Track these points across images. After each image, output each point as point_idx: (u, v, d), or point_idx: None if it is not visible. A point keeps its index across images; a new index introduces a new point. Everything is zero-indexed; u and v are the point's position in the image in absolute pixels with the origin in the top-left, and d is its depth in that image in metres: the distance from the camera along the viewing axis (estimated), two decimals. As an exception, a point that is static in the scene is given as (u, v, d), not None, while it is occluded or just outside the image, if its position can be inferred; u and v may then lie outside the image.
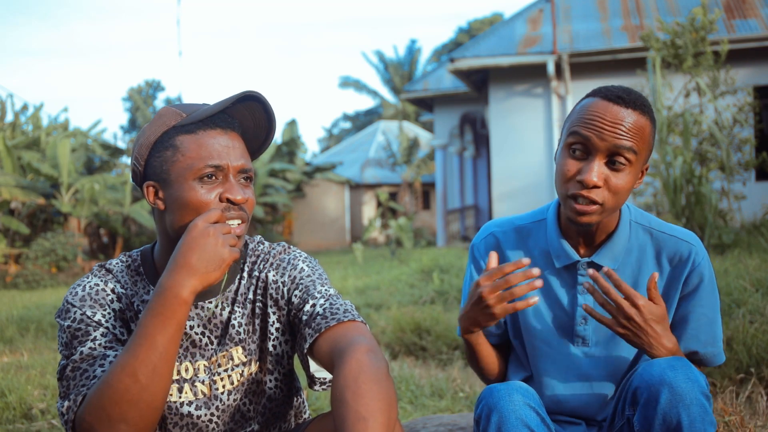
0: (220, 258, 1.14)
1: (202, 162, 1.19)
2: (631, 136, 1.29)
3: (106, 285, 1.25)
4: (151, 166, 1.22)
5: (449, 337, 4.20)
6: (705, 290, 1.40)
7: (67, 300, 1.23)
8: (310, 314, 1.23)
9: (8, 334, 5.58)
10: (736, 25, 9.62)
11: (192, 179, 1.19)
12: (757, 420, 2.28)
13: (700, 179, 6.24)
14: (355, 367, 1.05)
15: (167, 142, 1.21)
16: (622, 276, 1.42)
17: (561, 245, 1.43)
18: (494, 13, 31.62)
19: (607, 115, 1.30)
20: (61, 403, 1.13)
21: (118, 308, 1.24)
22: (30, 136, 15.90)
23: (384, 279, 7.43)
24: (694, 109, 7.45)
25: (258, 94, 1.22)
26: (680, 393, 1.18)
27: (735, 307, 3.42)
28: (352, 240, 20.84)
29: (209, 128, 1.22)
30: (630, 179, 1.32)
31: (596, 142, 1.30)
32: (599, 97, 1.32)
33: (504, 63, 10.20)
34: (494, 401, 1.25)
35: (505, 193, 10.65)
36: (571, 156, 1.33)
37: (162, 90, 36.86)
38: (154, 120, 1.25)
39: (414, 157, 20.60)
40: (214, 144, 1.21)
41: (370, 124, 31.04)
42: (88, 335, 1.18)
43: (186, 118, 1.22)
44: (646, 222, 1.44)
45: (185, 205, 1.19)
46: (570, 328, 1.45)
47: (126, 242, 15.26)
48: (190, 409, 1.27)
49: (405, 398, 3.14)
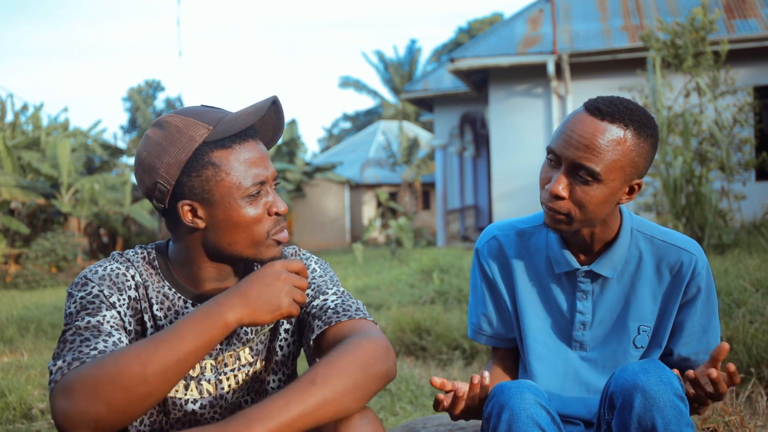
0: (277, 303, 1.11)
1: (248, 180, 1.17)
2: (593, 152, 1.25)
3: (127, 270, 1.23)
4: (185, 186, 1.17)
5: (449, 337, 4.20)
6: (702, 299, 1.40)
7: (86, 276, 1.20)
8: (321, 307, 1.24)
9: (8, 334, 5.59)
10: (736, 25, 9.62)
11: (240, 198, 1.17)
12: (757, 420, 2.28)
13: (700, 179, 6.24)
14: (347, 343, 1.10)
15: (202, 159, 1.16)
16: (621, 285, 1.43)
17: (561, 252, 1.44)
18: (494, 13, 31.63)
19: (576, 127, 1.27)
20: (53, 363, 1.09)
21: (134, 296, 1.23)
22: (30, 136, 15.91)
23: (384, 279, 7.43)
24: (694, 109, 7.45)
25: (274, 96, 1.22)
26: (653, 396, 1.18)
27: (735, 307, 3.42)
28: (352, 240, 20.84)
29: (242, 140, 1.19)
30: (600, 195, 1.28)
31: (561, 154, 1.29)
32: (582, 107, 1.31)
33: (504, 63, 10.20)
34: (505, 399, 1.25)
35: (505, 193, 10.65)
36: (548, 164, 1.34)
37: (162, 90, 36.86)
38: (172, 134, 1.18)
39: (414, 157, 20.60)
40: (253, 158, 1.19)
41: (370, 124, 31.05)
42: (99, 311, 1.15)
43: (216, 132, 1.17)
44: (647, 230, 1.44)
45: (237, 225, 1.18)
46: (568, 333, 1.47)
47: (126, 242, 15.27)
48: (195, 407, 1.27)
49: (405, 398, 3.14)
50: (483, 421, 1.33)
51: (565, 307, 1.46)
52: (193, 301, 1.26)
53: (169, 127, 1.18)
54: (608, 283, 1.43)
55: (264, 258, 1.23)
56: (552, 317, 1.48)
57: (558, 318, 1.47)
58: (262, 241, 1.21)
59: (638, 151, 1.27)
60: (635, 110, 1.28)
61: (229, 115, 1.21)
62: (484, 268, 1.53)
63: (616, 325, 1.44)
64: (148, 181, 1.19)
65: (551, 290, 1.47)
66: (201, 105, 1.25)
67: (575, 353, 1.46)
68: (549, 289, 1.47)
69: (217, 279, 1.26)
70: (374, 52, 29.65)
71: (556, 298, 1.47)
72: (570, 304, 1.46)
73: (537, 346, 1.48)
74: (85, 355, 1.08)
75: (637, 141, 1.27)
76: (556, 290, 1.47)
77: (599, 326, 1.45)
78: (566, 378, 1.47)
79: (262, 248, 1.22)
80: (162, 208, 1.20)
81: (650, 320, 1.43)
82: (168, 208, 1.20)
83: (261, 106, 1.19)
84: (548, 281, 1.47)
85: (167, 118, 1.20)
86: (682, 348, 1.43)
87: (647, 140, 1.28)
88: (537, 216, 1.53)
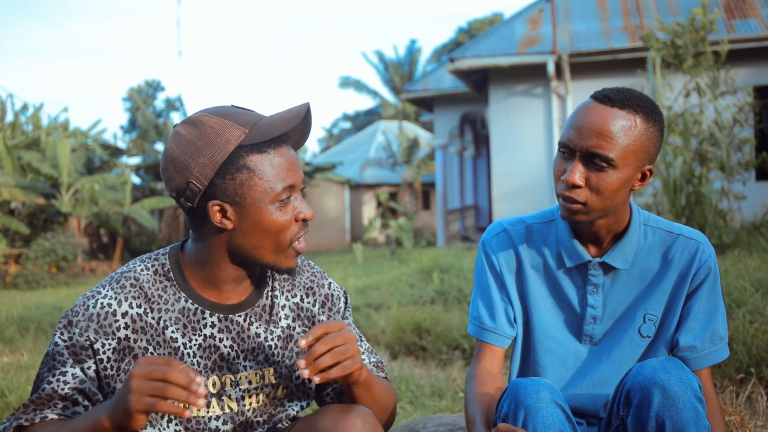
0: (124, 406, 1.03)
1: (280, 185, 1.18)
2: (606, 139, 1.28)
3: (120, 305, 1.21)
4: (218, 187, 1.17)
5: (449, 337, 4.20)
6: (707, 287, 1.42)
7: (77, 312, 1.21)
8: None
9: (8, 334, 5.58)
10: (736, 25, 9.62)
11: (270, 203, 1.18)
12: (757, 420, 2.28)
13: (700, 179, 6.24)
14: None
15: (238, 162, 1.16)
16: (631, 277, 1.44)
17: (572, 245, 1.44)
18: (494, 13, 31.62)
19: (587, 116, 1.31)
20: (21, 407, 1.18)
21: (124, 336, 1.21)
22: (30, 136, 15.91)
23: (384, 279, 7.43)
24: (694, 109, 7.44)
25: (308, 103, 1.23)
26: (673, 396, 1.18)
27: (735, 307, 3.42)
28: (352, 240, 20.84)
29: (276, 146, 1.19)
30: (616, 180, 1.31)
31: (575, 143, 1.32)
32: (591, 98, 1.34)
33: (504, 63, 10.20)
34: (522, 397, 1.24)
35: (505, 193, 10.65)
36: (560, 156, 1.36)
37: (162, 90, 36.82)
38: (208, 135, 1.17)
39: (414, 157, 20.60)
40: (285, 163, 1.20)
41: (370, 124, 31.04)
42: (64, 365, 1.18)
43: (252, 136, 1.17)
44: (654, 223, 1.46)
45: (265, 229, 1.19)
46: (579, 328, 1.47)
47: (126, 242, 15.27)
48: (218, 424, 1.26)
49: (405, 398, 3.14)
50: (496, 419, 1.32)
51: (576, 300, 1.47)
52: (210, 311, 1.25)
53: (203, 127, 1.18)
54: (619, 275, 1.44)
55: (282, 267, 1.24)
56: (562, 312, 1.48)
57: (569, 313, 1.48)
58: (285, 248, 1.22)
59: (648, 135, 1.31)
60: (641, 97, 1.32)
61: (264, 119, 1.21)
62: (492, 261, 1.53)
63: (624, 316, 1.45)
64: (179, 180, 1.17)
65: (561, 285, 1.48)
66: (232, 105, 1.24)
67: (584, 347, 1.47)
68: (559, 284, 1.48)
69: (235, 281, 1.26)
70: (374, 52, 29.67)
71: (566, 292, 1.47)
72: (581, 299, 1.46)
73: (546, 340, 1.49)
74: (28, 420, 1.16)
75: (647, 126, 1.31)
76: (567, 285, 1.47)
77: (609, 319, 1.46)
78: (575, 373, 1.47)
79: (282, 256, 1.23)
80: (189, 207, 1.20)
81: (657, 309, 1.44)
82: (196, 207, 1.19)
83: (297, 113, 1.19)
84: (558, 276, 1.48)
85: (201, 118, 1.19)
86: (688, 334, 1.42)
87: (656, 126, 1.32)
88: (546, 212, 1.53)
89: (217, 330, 1.26)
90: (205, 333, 1.25)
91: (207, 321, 1.25)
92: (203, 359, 1.25)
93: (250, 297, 1.30)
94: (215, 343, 1.26)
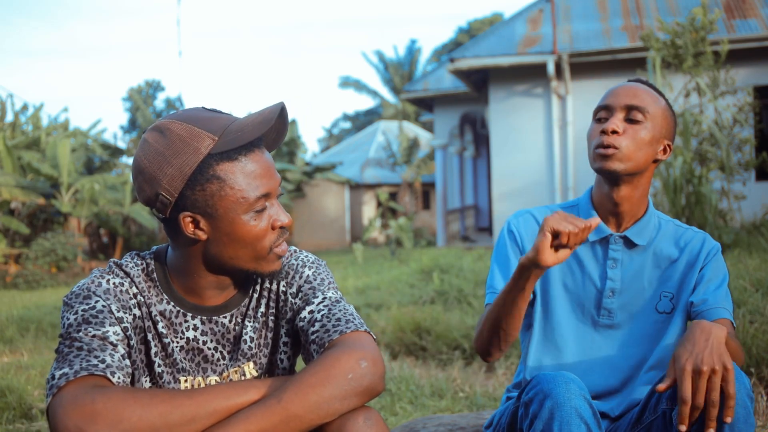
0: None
1: (253, 194, 1.13)
2: (641, 98, 1.48)
3: (130, 288, 1.19)
4: (188, 198, 1.12)
5: (449, 337, 4.20)
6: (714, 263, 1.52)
7: (89, 288, 1.15)
8: (309, 320, 1.22)
9: (8, 334, 5.59)
10: (736, 25, 9.61)
11: (244, 213, 1.14)
12: (758, 420, 2.28)
13: (700, 179, 6.24)
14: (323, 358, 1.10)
15: (207, 172, 1.11)
16: (647, 256, 1.55)
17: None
18: (494, 13, 31.63)
19: (624, 86, 1.52)
20: (57, 367, 1.05)
21: (138, 315, 1.19)
22: (30, 136, 15.91)
23: (384, 279, 7.43)
24: (694, 109, 7.44)
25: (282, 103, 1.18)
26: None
27: (735, 307, 3.42)
28: (352, 240, 20.84)
29: (248, 152, 1.14)
30: (647, 135, 1.47)
31: (613, 103, 1.50)
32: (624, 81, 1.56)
33: (504, 63, 10.20)
34: (550, 388, 1.26)
35: (505, 193, 10.64)
36: (596, 123, 1.52)
37: (162, 90, 36.84)
38: (175, 144, 1.12)
39: (414, 157, 20.59)
40: (258, 170, 1.14)
41: (370, 124, 31.03)
42: (103, 325, 1.10)
43: (221, 143, 1.12)
44: (665, 217, 1.61)
45: (240, 239, 1.15)
46: (598, 302, 1.54)
47: (126, 242, 15.27)
48: None
49: (405, 398, 3.14)
50: (521, 406, 1.34)
51: (597, 274, 1.55)
52: (192, 313, 1.23)
53: (171, 136, 1.12)
54: (637, 252, 1.54)
55: (264, 272, 1.21)
56: (583, 287, 1.55)
57: (589, 286, 1.55)
58: (264, 256, 1.18)
59: (669, 114, 1.53)
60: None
61: (234, 124, 1.15)
62: (514, 234, 1.59)
63: (641, 293, 1.54)
64: (149, 191, 1.13)
65: (582, 260, 1.56)
66: (202, 108, 1.19)
67: (603, 321, 1.54)
68: (580, 259, 1.56)
69: (217, 288, 1.23)
70: (374, 52, 29.67)
71: (586, 266, 1.55)
72: (601, 273, 1.55)
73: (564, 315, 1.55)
74: (94, 367, 1.05)
75: (667, 107, 1.53)
76: (588, 259, 1.56)
77: (627, 293, 1.54)
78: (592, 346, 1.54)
79: (263, 262, 1.20)
80: (162, 217, 1.16)
81: (672, 287, 1.53)
82: (169, 218, 1.15)
83: (268, 116, 1.14)
84: (579, 252, 1.56)
85: (168, 125, 1.14)
86: (699, 293, 1.49)
87: (672, 114, 1.55)
88: (569, 201, 1.64)
89: (200, 332, 1.24)
90: (188, 336, 1.23)
91: (189, 324, 1.23)
92: (186, 361, 1.23)
93: (234, 297, 1.27)
94: (198, 346, 1.24)
